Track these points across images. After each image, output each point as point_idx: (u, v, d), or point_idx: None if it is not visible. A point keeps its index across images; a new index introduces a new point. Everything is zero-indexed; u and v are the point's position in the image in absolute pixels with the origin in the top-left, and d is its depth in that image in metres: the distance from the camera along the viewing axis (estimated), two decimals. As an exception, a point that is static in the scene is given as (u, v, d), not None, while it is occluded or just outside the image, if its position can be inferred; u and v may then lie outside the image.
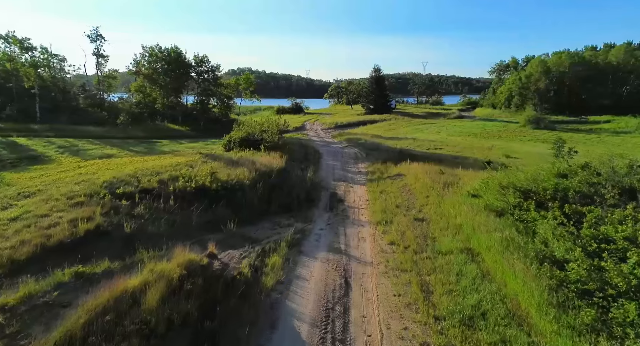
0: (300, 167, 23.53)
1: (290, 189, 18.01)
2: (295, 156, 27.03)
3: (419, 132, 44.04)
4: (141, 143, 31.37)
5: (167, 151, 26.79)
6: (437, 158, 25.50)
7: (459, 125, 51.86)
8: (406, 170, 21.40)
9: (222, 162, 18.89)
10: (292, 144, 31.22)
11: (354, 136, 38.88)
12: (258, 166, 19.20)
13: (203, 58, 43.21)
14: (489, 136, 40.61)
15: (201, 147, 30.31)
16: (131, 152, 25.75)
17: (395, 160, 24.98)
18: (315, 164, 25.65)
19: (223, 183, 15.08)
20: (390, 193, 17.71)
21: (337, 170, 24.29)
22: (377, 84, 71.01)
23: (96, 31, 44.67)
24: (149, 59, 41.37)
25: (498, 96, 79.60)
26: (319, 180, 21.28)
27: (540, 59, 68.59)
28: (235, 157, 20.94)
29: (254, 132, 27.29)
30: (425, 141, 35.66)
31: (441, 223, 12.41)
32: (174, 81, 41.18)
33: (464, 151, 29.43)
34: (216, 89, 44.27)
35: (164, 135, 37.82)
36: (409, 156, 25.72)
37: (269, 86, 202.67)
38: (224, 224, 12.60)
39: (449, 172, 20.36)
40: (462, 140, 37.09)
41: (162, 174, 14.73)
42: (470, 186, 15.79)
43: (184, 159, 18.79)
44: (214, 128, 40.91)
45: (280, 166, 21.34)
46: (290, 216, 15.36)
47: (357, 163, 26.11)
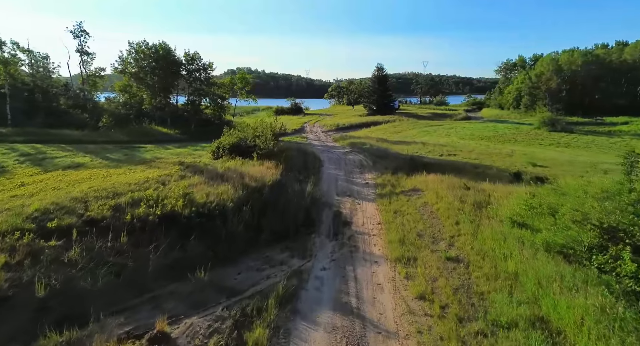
0: (298, 179, 20.37)
1: (286, 208, 14.87)
2: (293, 164, 23.85)
3: (427, 136, 40.86)
4: (122, 149, 28.15)
5: (149, 159, 23.61)
6: (454, 167, 22.32)
7: (469, 127, 48.69)
8: (422, 183, 18.22)
9: (204, 177, 15.70)
10: (289, 149, 28.04)
11: (358, 140, 35.70)
12: (247, 181, 16.01)
13: (194, 55, 39.94)
14: (503, 140, 37.44)
15: (188, 153, 27.12)
16: (106, 160, 22.56)
17: (407, 170, 21.82)
18: (316, 174, 22.48)
19: (199, 206, 11.90)
20: (407, 215, 14.53)
21: (340, 181, 21.11)
22: (380, 83, 67.87)
23: (80, 26, 41.44)
24: (136, 56, 38.16)
25: (506, 96, 76.48)
26: (320, 195, 18.13)
27: (551, 57, 65.45)
28: (222, 169, 17.75)
29: (246, 137, 24.11)
30: (436, 145, 32.48)
31: (486, 268, 9.20)
32: (162, 80, 37.94)
33: (482, 158, 26.26)
34: (208, 88, 41.00)
35: (150, 139, 34.58)
36: (423, 165, 22.54)
37: (268, 86, 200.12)
38: (194, 267, 9.43)
39: (474, 186, 17.18)
40: (476, 144, 33.91)
41: (121, 197, 11.55)
42: (509, 209, 12.62)
43: (157, 173, 15.60)
44: (206, 131, 37.59)
45: (274, 178, 18.17)
46: (284, 248, 12.20)
47: (363, 173, 22.93)
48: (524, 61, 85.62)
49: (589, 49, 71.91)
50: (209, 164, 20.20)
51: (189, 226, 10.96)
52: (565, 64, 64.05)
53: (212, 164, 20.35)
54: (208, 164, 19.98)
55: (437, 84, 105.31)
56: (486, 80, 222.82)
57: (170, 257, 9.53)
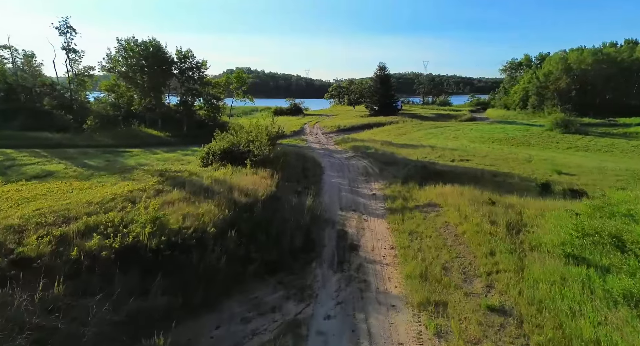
0: (296, 190, 18.01)
1: (282, 229, 12.53)
2: (291, 172, 21.50)
3: (433, 138, 38.51)
4: (104, 153, 25.81)
5: (131, 166, 21.27)
6: (471, 176, 19.99)
7: (476, 129, 46.35)
8: (440, 197, 15.86)
9: (185, 191, 13.33)
10: (287, 154, 25.68)
11: (361, 143, 33.34)
12: (236, 196, 13.64)
13: (187, 53, 37.49)
14: (516, 143, 35.09)
15: (176, 159, 24.77)
16: (82, 168, 20.19)
17: (418, 179, 19.46)
18: (317, 183, 20.13)
19: (172, 234, 9.53)
20: (426, 238, 12.17)
21: (344, 192, 18.76)
22: (382, 83, 65.54)
23: (66, 22, 39.07)
24: (124, 54, 35.77)
25: (512, 96, 74.17)
26: (322, 209, 15.77)
27: (560, 56, 63.06)
28: (208, 181, 15.38)
29: (239, 142, 21.75)
30: (445, 149, 30.13)
31: (548, 329, 6.81)
32: (152, 79, 35.53)
33: (498, 164, 23.91)
34: (202, 88, 38.60)
35: (138, 142, 32.22)
36: (436, 174, 20.22)
37: (268, 86, 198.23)
38: (155, 323, 7.08)
39: (499, 201, 14.82)
40: (488, 148, 31.57)
41: (73, 223, 9.19)
42: (555, 236, 10.26)
43: (129, 188, 13.23)
44: (199, 133, 35.24)
45: (269, 191, 15.81)
46: (278, 284, 9.87)
47: (369, 182, 20.56)
48: (529, 60, 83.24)
49: (597, 48, 69.56)
50: (195, 173, 17.83)
51: (156, 263, 8.60)
52: (574, 63, 61.71)
53: (198, 173, 17.97)
54: (194, 174, 17.61)
55: (439, 84, 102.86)
56: (487, 80, 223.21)
57: (123, 310, 7.16)
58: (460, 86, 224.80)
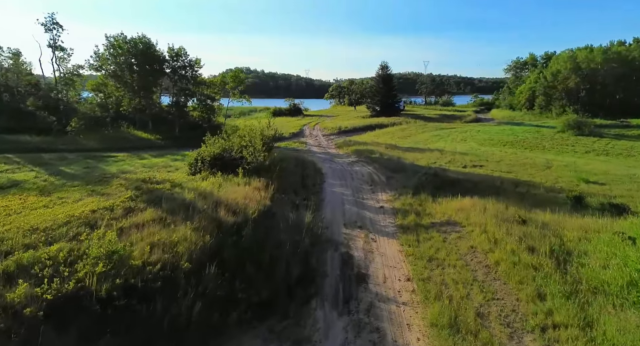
0: (294, 203, 15.91)
1: (275, 254, 10.47)
2: (289, 180, 19.41)
3: (441, 141, 36.40)
4: (86, 158, 23.72)
5: (112, 174, 19.20)
6: (490, 185, 17.89)
7: (484, 130, 44.24)
8: (458, 211, 13.76)
9: (161, 210, 11.24)
10: (285, 160, 23.59)
11: (364, 147, 31.27)
12: (222, 215, 11.54)
13: (179, 51, 35.39)
14: (529, 146, 32.98)
15: (164, 165, 22.67)
16: (56, 176, 18.09)
17: (431, 188, 17.35)
18: (317, 193, 18.02)
19: (133, 273, 7.44)
20: (449, 267, 10.08)
21: (348, 204, 16.65)
22: (385, 83, 63.43)
23: (52, 18, 37.01)
24: (113, 51, 33.69)
25: (517, 96, 72.01)
26: (323, 227, 13.70)
27: (568, 55, 60.92)
28: (190, 196, 13.27)
29: (230, 147, 19.67)
30: (455, 153, 28.04)
31: None
32: (142, 78, 33.45)
33: (516, 171, 21.82)
34: (195, 88, 36.50)
35: (126, 145, 30.16)
36: (449, 183, 18.11)
37: (267, 86, 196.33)
38: None
39: (529, 218, 12.72)
40: (500, 152, 29.46)
41: (2, 260, 7.09)
42: (619, 273, 8.16)
43: (92, 207, 11.11)
44: (192, 135, 33.13)
45: (262, 205, 13.74)
46: (270, 333, 7.81)
47: (375, 192, 18.45)
48: (535, 59, 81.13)
49: (605, 46, 67.39)
50: (178, 184, 15.72)
51: (104, 317, 6.50)
52: (583, 61, 59.55)
53: (183, 183, 15.87)
54: (177, 185, 15.50)
55: (441, 84, 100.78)
56: (487, 80, 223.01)
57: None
58: (461, 86, 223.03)
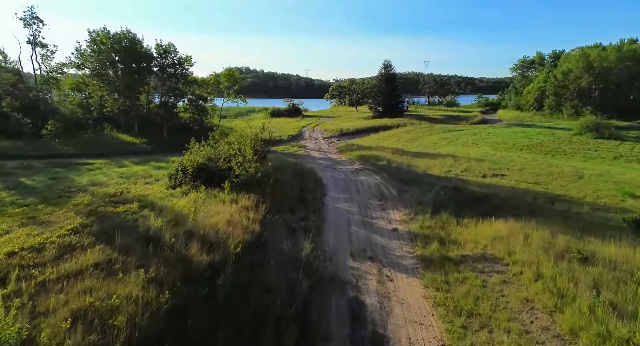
0: (289, 226, 13.20)
1: (261, 309, 7.79)
2: (285, 195, 16.69)
3: (451, 145, 33.68)
4: (57, 166, 21.04)
5: (80, 186, 16.56)
6: (521, 202, 15.18)
7: (495, 133, 41.55)
8: (494, 241, 11.05)
9: (111, 248, 8.51)
10: (281, 169, 20.88)
11: (369, 152, 28.55)
12: (193, 253, 8.81)
13: (168, 47, 32.64)
14: (548, 151, 30.28)
15: (144, 175, 20.00)
16: (8, 191, 15.38)
17: (453, 206, 14.63)
18: (318, 211, 15.29)
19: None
20: (499, 331, 7.37)
21: (354, 226, 13.95)
22: (388, 82, 60.60)
23: (32, 13, 34.31)
24: (95, 48, 30.97)
25: (525, 96, 69.32)
26: (325, 256, 11.00)
27: (580, 53, 58.20)
28: (157, 223, 10.52)
29: (217, 156, 16.96)
30: (470, 160, 25.34)
31: None
32: (127, 77, 30.72)
33: (545, 183, 19.12)
34: (185, 87, 33.77)
35: (107, 151, 27.45)
36: (474, 199, 15.40)
37: (267, 85, 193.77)
38: None
39: (587, 250, 10.02)
40: (520, 158, 26.75)
41: None
42: None
43: (10, 248, 8.38)
44: (181, 139, 30.41)
45: (249, 232, 11.05)
46: None
47: (385, 209, 15.72)
48: (542, 58, 78.43)
49: (616, 45, 64.65)
50: (150, 203, 13.00)
51: None
52: (595, 60, 56.85)
53: (156, 203, 13.15)
54: (147, 205, 12.77)
55: (444, 83, 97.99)
56: (488, 80, 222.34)
57: None
58: (462, 86, 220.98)
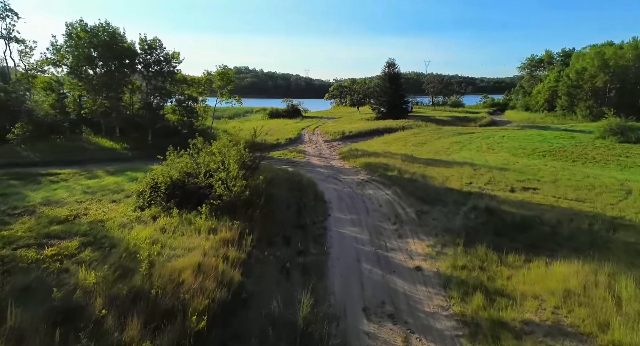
0: (283, 266, 10.15)
1: None
2: (279, 218, 13.62)
3: (464, 150, 30.63)
4: (10, 179, 18.02)
5: (26, 208, 13.56)
6: (576, 230, 12.12)
7: (509, 136, 38.47)
8: (565, 299, 8.02)
9: None
10: (276, 182, 17.84)
11: (375, 158, 25.51)
12: (129, 338, 5.76)
13: (153, 43, 29.53)
14: (574, 157, 27.22)
15: (115, 189, 16.98)
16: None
17: (489, 235, 11.57)
18: (319, 240, 12.23)
19: None
20: None
21: (366, 261, 10.88)
22: (392, 82, 57.59)
23: (5, 5, 31.37)
24: (71, 42, 27.92)
25: (535, 96, 66.30)
26: (329, 318, 7.96)
27: (595, 51, 55.19)
28: (90, 279, 7.44)
29: (197, 170, 13.91)
30: (492, 169, 22.32)
31: None
32: (106, 75, 27.68)
33: (589, 199, 16.06)
34: (173, 87, 30.72)
35: (81, 158, 24.45)
36: (514, 225, 12.35)
37: (266, 85, 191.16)
38: None
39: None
40: (546, 167, 23.70)
41: None
42: None
43: None
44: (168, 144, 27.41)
45: (226, 285, 8.01)
46: None
47: (402, 235, 12.64)
48: (551, 57, 75.41)
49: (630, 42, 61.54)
50: (99, 238, 9.92)
51: None
52: (611, 58, 53.86)
53: (108, 235, 10.09)
54: (93, 241, 9.69)
55: (449, 83, 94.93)
56: (489, 79, 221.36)
57: None
58: (463, 85, 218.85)
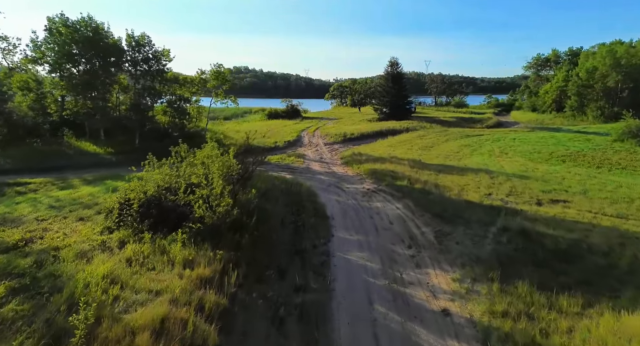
0: (274, 316, 7.99)
1: None
2: (272, 244, 11.47)
3: (476, 155, 28.51)
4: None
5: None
6: (633, 259, 10.02)
7: (520, 139, 36.34)
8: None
9: None
10: (270, 194, 15.70)
11: (381, 165, 23.39)
12: None
13: (141, 39, 27.44)
14: (596, 162, 25.10)
15: (87, 203, 14.89)
16: None
17: (529, 266, 9.48)
18: (320, 271, 10.11)
19: None
20: None
21: (379, 299, 8.75)
22: (394, 82, 55.43)
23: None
24: (52, 38, 25.83)
25: (542, 96, 64.15)
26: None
27: (607, 49, 53.03)
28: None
29: (176, 184, 11.76)
30: (510, 177, 20.21)
31: None
32: (88, 73, 25.57)
33: (632, 213, 13.96)
34: (163, 86, 28.59)
35: (58, 164, 22.33)
36: (555, 252, 10.23)
37: (266, 85, 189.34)
38: None
39: None
40: (569, 174, 21.58)
41: None
42: None
43: None
44: (157, 147, 25.24)
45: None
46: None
47: (420, 264, 10.51)
48: (557, 56, 73.26)
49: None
50: (50, 272, 7.82)
51: None
52: (623, 57, 51.72)
53: (57, 273, 7.97)
54: (45, 275, 7.60)
55: (453, 83, 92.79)
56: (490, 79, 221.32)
57: None
58: (463, 85, 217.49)
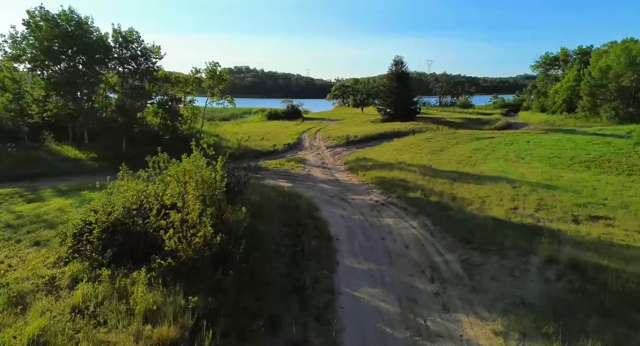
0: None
1: None
2: (264, 281, 9.33)
3: (491, 159, 26.35)
4: None
5: None
6: None
7: (535, 141, 34.15)
8: None
9: None
10: (265, 210, 13.59)
11: (389, 172, 21.30)
12: None
13: (129, 35, 25.39)
14: (625, 168, 22.90)
15: (53, 219, 12.87)
16: None
17: (590, 317, 7.41)
18: (323, 318, 8.02)
19: None
20: None
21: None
22: (399, 81, 53.30)
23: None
24: (31, 34, 23.86)
25: (552, 96, 61.87)
26: None
27: (622, 47, 50.76)
28: None
29: (148, 205, 9.66)
30: (535, 187, 18.08)
31: None
32: (68, 71, 23.55)
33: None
34: (153, 87, 26.54)
35: (34, 171, 20.37)
36: (620, 295, 8.12)
37: (267, 85, 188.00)
38: None
39: None
40: (599, 183, 19.42)
41: None
42: None
43: None
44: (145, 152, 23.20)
45: None
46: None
47: (448, 308, 8.39)
48: (566, 54, 70.93)
49: None
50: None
51: None
52: (638, 55, 49.46)
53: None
54: None
55: (459, 82, 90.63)
56: (492, 79, 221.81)
57: None
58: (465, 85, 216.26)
